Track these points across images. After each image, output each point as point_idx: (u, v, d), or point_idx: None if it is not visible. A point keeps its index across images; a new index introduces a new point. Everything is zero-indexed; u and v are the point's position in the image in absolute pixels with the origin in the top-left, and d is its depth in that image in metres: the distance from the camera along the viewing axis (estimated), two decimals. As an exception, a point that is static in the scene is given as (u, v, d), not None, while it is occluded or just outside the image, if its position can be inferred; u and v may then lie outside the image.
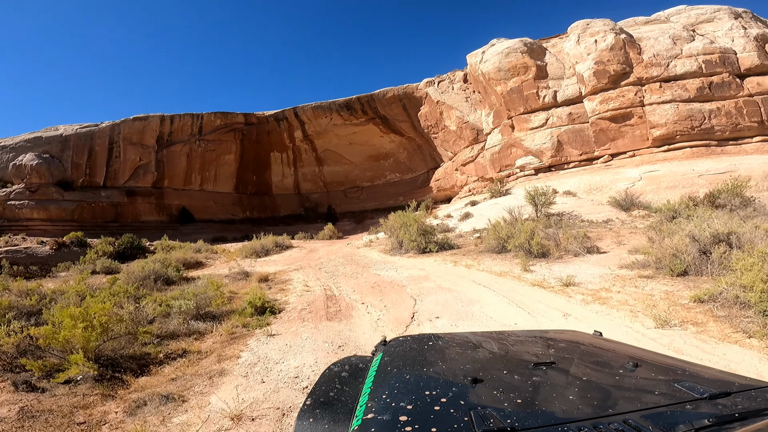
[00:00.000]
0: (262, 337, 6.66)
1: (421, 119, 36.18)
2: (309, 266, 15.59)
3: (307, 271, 13.96)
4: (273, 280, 12.89)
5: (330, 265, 14.72)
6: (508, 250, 11.89)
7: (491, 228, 12.79)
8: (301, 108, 38.70)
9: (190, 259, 22.11)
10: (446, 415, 1.15)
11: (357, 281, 10.97)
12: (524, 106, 26.72)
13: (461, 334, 2.23)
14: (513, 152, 27.21)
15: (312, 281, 11.76)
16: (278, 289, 11.05)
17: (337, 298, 9.22)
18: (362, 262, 14.43)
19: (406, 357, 1.79)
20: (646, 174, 21.86)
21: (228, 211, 40.52)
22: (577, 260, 10.36)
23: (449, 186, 34.96)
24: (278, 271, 15.50)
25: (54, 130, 35.15)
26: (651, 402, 1.26)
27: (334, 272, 12.92)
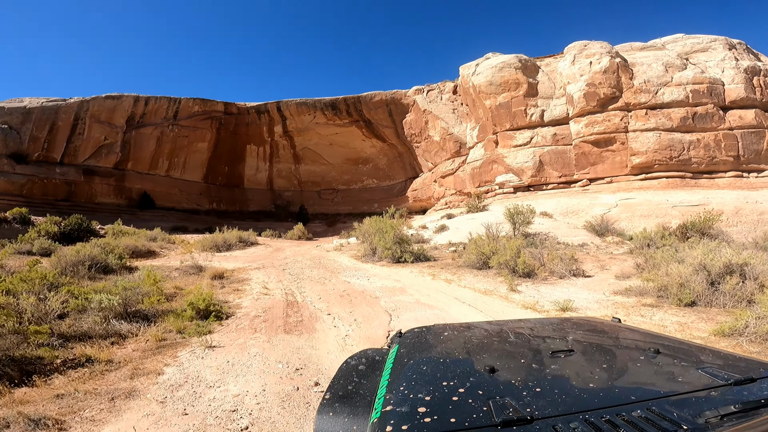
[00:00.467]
0: (198, 349, 5.28)
1: (405, 126, 35.33)
2: (272, 266, 14.14)
3: (269, 272, 12.53)
4: (229, 278, 11.39)
5: (295, 267, 13.33)
6: (489, 267, 10.92)
7: (472, 242, 11.81)
8: (285, 103, 37.09)
9: (141, 248, 20.19)
10: (465, 405, 1.12)
11: (324, 288, 9.68)
12: (511, 123, 26.24)
13: (476, 324, 2.16)
14: (494, 168, 26.64)
15: (273, 283, 10.36)
16: (233, 289, 9.61)
17: (299, 306, 7.90)
18: (331, 266, 13.13)
19: (422, 348, 1.75)
20: (622, 201, 21.67)
21: (193, 200, 38.13)
22: (564, 283, 9.49)
23: (426, 197, 34.14)
24: (237, 268, 13.96)
25: (18, 101, 32.12)
26: (675, 389, 1.21)
27: (299, 275, 11.56)
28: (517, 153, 25.52)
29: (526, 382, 1.28)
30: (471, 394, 1.19)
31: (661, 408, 1.07)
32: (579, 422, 1.01)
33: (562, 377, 1.34)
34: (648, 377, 1.36)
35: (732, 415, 1.01)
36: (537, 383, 1.27)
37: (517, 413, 1.03)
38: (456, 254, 14.58)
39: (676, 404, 1.10)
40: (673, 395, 1.17)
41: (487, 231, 18.50)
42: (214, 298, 7.67)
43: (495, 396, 1.16)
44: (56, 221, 24.74)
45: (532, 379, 1.31)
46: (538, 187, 24.98)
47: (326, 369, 4.76)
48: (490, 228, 18.50)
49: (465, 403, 1.13)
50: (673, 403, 1.11)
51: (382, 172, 39.66)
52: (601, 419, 1.02)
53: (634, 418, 1.02)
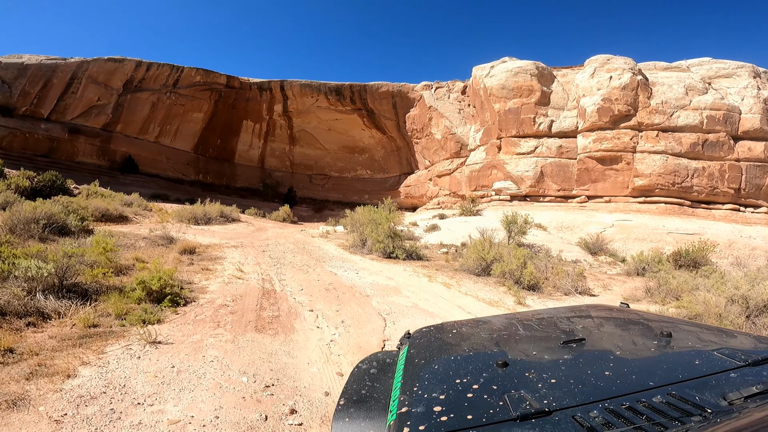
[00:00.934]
0: (136, 344, 4.03)
1: (408, 121, 34.07)
2: (252, 246, 12.84)
3: (247, 252, 11.23)
4: (200, 255, 10.07)
5: (277, 250, 12.06)
6: (489, 274, 9.86)
7: (472, 245, 10.70)
8: (289, 82, 35.33)
9: (112, 212, 18.69)
10: (480, 402, 1.09)
11: (307, 277, 8.45)
12: (517, 129, 25.25)
13: (484, 319, 2.08)
14: (493, 174, 25.65)
15: (249, 265, 9.10)
16: (201, 267, 8.31)
17: (277, 297, 6.67)
18: (316, 254, 11.89)
19: (432, 347, 1.69)
20: (619, 222, 20.91)
21: (180, 169, 36.20)
22: (570, 300, 8.47)
23: (418, 194, 33.02)
24: (213, 244, 12.62)
25: (17, 57, 30.19)
26: (693, 372, 1.17)
27: (280, 259, 10.30)
28: (519, 161, 24.56)
29: (540, 373, 1.23)
30: (486, 389, 1.15)
31: (682, 392, 1.03)
32: (599, 411, 0.97)
33: (577, 366, 1.28)
34: (664, 361, 1.31)
35: (755, 396, 0.98)
36: (551, 374, 1.22)
37: (534, 406, 0.99)
38: (449, 256, 13.49)
39: (696, 387, 1.06)
40: (692, 378, 1.13)
41: (482, 236, 17.49)
42: (175, 278, 6.38)
43: (510, 390, 1.12)
44: (29, 176, 22.98)
45: (546, 371, 1.25)
46: (535, 198, 24.08)
47: (306, 388, 3.58)
48: (485, 233, 17.49)
49: (480, 399, 1.10)
50: (694, 386, 1.07)
51: (377, 164, 38.34)
52: (622, 406, 0.98)
53: (655, 404, 0.98)
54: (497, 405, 1.05)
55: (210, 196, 32.21)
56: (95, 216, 17.92)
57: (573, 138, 24.41)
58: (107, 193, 24.33)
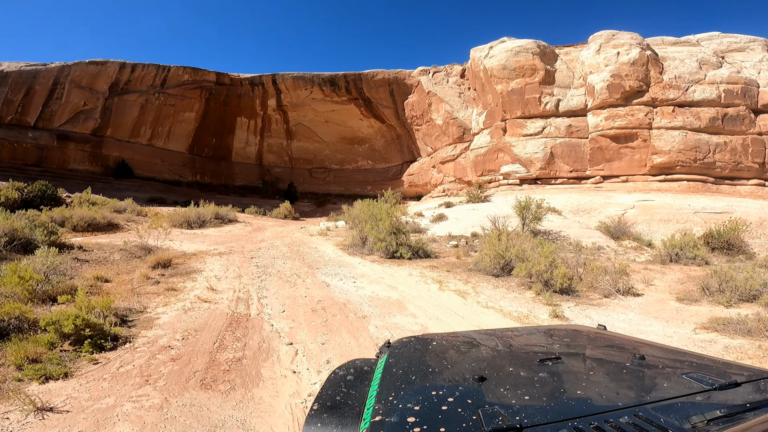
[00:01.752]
0: (16, 412, 2.58)
1: (406, 108, 32.29)
2: (241, 252, 11.39)
3: (232, 261, 9.76)
4: (175, 267, 8.63)
5: (267, 255, 10.58)
6: (509, 273, 8.33)
7: (487, 241, 9.14)
8: (281, 76, 33.58)
9: (100, 220, 17.35)
10: (454, 415, 1.08)
11: (294, 292, 6.96)
12: (522, 110, 23.46)
13: (464, 333, 2.06)
14: (499, 157, 23.93)
15: (227, 280, 7.62)
16: (166, 287, 6.85)
17: (248, 325, 5.19)
18: (310, 257, 10.40)
19: (411, 358, 1.65)
20: (640, 202, 19.21)
21: (176, 171, 34.75)
22: (614, 304, 6.92)
23: (422, 183, 31.37)
24: (198, 252, 11.19)
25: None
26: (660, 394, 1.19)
27: (266, 268, 8.82)
28: (526, 143, 22.82)
29: (515, 390, 1.23)
30: (460, 403, 1.14)
31: (648, 414, 1.04)
32: (568, 429, 0.98)
33: (551, 385, 1.28)
34: (634, 383, 1.32)
35: (718, 420, 0.99)
36: (526, 391, 1.22)
37: (507, 422, 1.00)
38: (460, 251, 11.97)
39: (662, 410, 1.07)
40: (659, 401, 1.13)
41: (494, 224, 15.92)
42: (119, 307, 4.93)
43: (484, 405, 1.11)
44: (19, 187, 21.76)
45: (521, 387, 1.25)
46: (546, 180, 22.38)
47: None
48: (496, 221, 15.91)
49: (454, 413, 1.09)
50: (660, 408, 1.08)
51: (378, 154, 36.64)
52: (590, 426, 0.99)
53: (622, 425, 0.99)
54: (470, 419, 1.03)
55: (208, 197, 30.84)
56: (81, 226, 16.62)
57: (583, 117, 22.66)
58: (100, 200, 23.04)
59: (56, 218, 16.44)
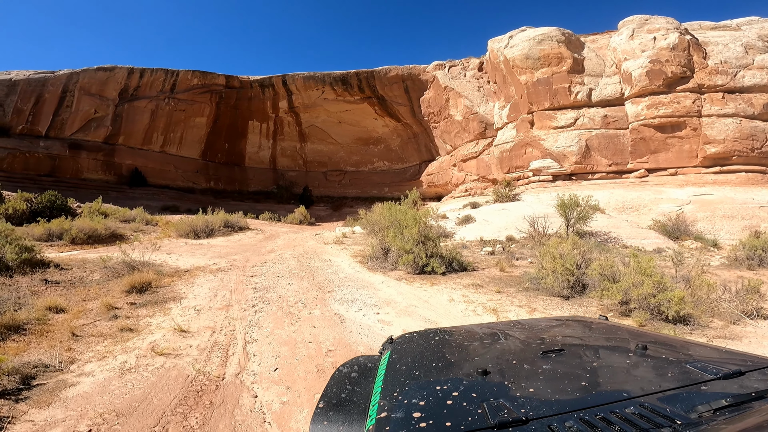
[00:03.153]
0: None
1: (422, 105, 30.17)
2: (242, 267, 9.47)
3: (228, 280, 7.82)
4: (152, 293, 6.73)
5: (271, 273, 8.62)
6: (581, 293, 6.16)
7: (548, 254, 6.91)
8: (291, 76, 31.93)
9: (102, 231, 15.80)
10: (459, 409, 1.05)
11: (296, 332, 4.95)
12: (551, 101, 21.08)
13: (467, 327, 1.95)
14: (528, 152, 21.57)
15: (209, 314, 5.64)
16: (123, 326, 4.90)
17: (215, 398, 3.17)
18: (322, 274, 8.38)
19: (414, 353, 1.60)
20: (696, 197, 16.63)
21: (189, 178, 33.42)
22: (752, 334, 4.72)
23: (442, 182, 29.14)
24: (191, 268, 9.33)
25: (5, 74, 27.85)
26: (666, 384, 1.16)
27: (267, 292, 6.84)
28: (557, 135, 20.42)
29: (519, 382, 1.21)
30: (465, 397, 1.12)
31: (654, 404, 1.02)
32: (574, 421, 0.96)
33: (555, 377, 1.25)
34: (639, 374, 1.29)
35: (724, 409, 0.97)
36: (530, 383, 1.20)
37: (512, 414, 0.98)
38: (501, 261, 9.78)
39: (668, 400, 1.05)
40: (664, 391, 1.11)
41: (533, 226, 13.66)
42: (32, 360, 3.00)
43: (489, 398, 1.09)
44: (27, 198, 20.57)
45: (525, 380, 1.23)
46: (582, 175, 19.92)
47: None
48: (535, 223, 13.66)
49: (459, 407, 1.06)
50: (665, 398, 1.06)
51: (395, 154, 34.55)
52: (596, 417, 0.97)
53: (628, 415, 0.97)
54: (476, 413, 1.01)
55: (222, 204, 29.34)
56: (80, 238, 15.08)
57: (619, 106, 20.22)
58: (110, 210, 21.67)
59: (54, 230, 14.95)
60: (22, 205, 19.69)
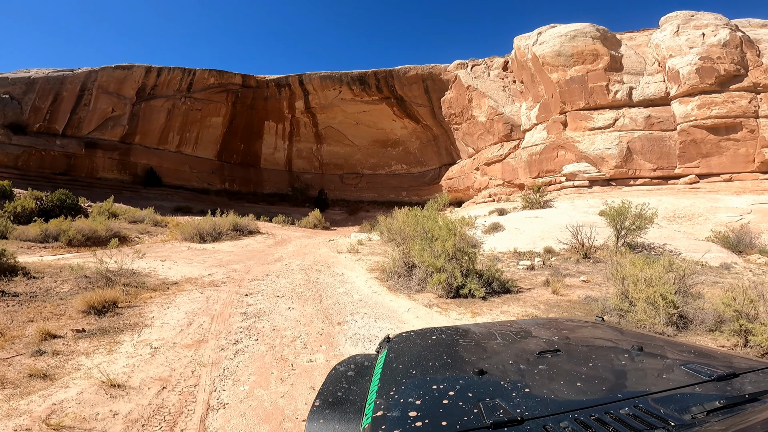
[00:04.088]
0: None
1: (443, 105, 28.42)
2: (240, 281, 7.90)
3: (215, 301, 6.21)
4: (112, 316, 5.17)
5: (270, 291, 6.99)
6: (684, 329, 4.37)
7: (632, 276, 5.09)
8: (308, 76, 30.68)
9: (102, 233, 14.59)
10: (455, 408, 1.04)
11: (288, 393, 3.26)
12: (586, 101, 19.10)
13: (464, 326, 1.90)
14: (560, 155, 19.56)
15: (170, 353, 3.98)
16: (35, 370, 3.29)
17: None
18: (332, 296, 6.71)
19: (411, 352, 1.58)
20: (757, 206, 14.41)
21: (204, 179, 32.40)
22: None
23: (464, 187, 27.25)
24: (180, 281, 7.80)
25: (24, 72, 27.45)
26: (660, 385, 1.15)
27: (257, 320, 5.19)
28: (594, 137, 18.39)
29: (515, 382, 1.20)
30: (461, 396, 1.10)
31: (648, 405, 1.01)
32: (569, 421, 0.95)
33: (551, 377, 1.24)
34: (634, 375, 1.27)
35: (717, 411, 0.96)
36: (526, 384, 1.18)
37: (508, 414, 0.97)
38: (549, 279, 7.95)
39: (662, 401, 1.04)
40: (658, 392, 1.10)
41: (576, 237, 11.72)
42: None
43: (485, 398, 1.08)
44: (37, 196, 19.73)
45: (521, 380, 1.21)
46: (623, 181, 17.81)
47: None
48: (578, 233, 11.72)
49: (455, 406, 1.05)
50: (659, 399, 1.05)
51: (413, 157, 32.83)
52: (591, 417, 0.96)
53: (622, 416, 0.96)
54: (471, 412, 1.00)
55: (236, 206, 28.14)
56: (78, 240, 13.86)
57: (664, 106, 18.13)
58: (121, 210, 20.62)
59: (51, 231, 13.76)
60: (31, 204, 18.73)
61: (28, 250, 12.14)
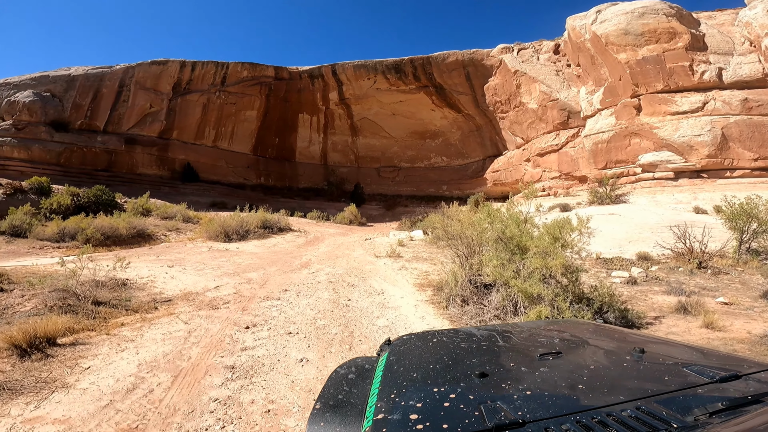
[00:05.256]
0: None
1: (487, 93, 25.52)
2: (249, 299, 5.91)
3: (201, 334, 4.18)
4: (38, 361, 3.23)
5: (283, 319, 4.91)
6: None
7: None
8: (341, 65, 28.74)
9: (123, 231, 13.34)
10: (456, 411, 1.02)
11: None
12: (665, 82, 15.84)
13: (465, 329, 1.83)
14: (634, 144, 16.36)
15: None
16: None
17: None
18: (370, 336, 4.53)
19: (412, 355, 1.53)
20: None
21: (240, 174, 31.37)
22: None
23: (511, 180, 24.30)
24: (177, 296, 5.93)
25: (65, 70, 27.49)
26: (662, 387, 1.11)
27: (245, 386, 3.10)
28: (678, 123, 15.09)
29: (516, 385, 1.16)
30: (462, 399, 1.08)
31: (650, 407, 0.98)
32: (570, 423, 0.93)
33: (552, 379, 1.20)
34: (635, 376, 1.22)
35: (720, 413, 0.93)
36: (527, 386, 1.15)
37: (509, 417, 0.95)
38: (689, 302, 5.39)
39: (664, 403, 1.01)
40: (660, 394, 1.06)
41: (684, 241, 8.86)
42: None
43: (486, 400, 1.05)
44: (73, 192, 19.14)
45: (523, 383, 1.18)
46: (717, 172, 14.44)
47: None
48: (685, 235, 8.85)
49: (457, 409, 1.03)
50: (662, 401, 1.02)
51: (454, 149, 30.08)
52: (592, 420, 0.94)
53: (624, 418, 0.94)
54: (473, 415, 0.98)
55: (271, 201, 26.80)
56: (96, 239, 12.56)
57: (762, 88, 14.70)
58: (154, 206, 19.61)
59: (68, 229, 12.57)
60: (67, 200, 18.02)
61: (39, 251, 10.79)
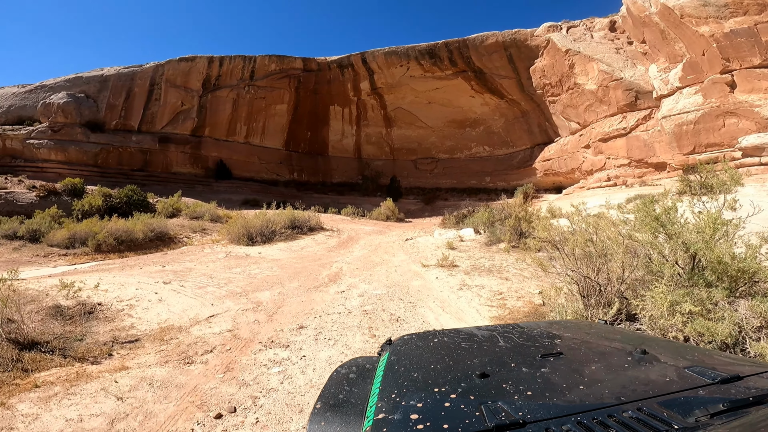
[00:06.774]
0: None
1: (534, 75, 22.65)
2: (248, 342, 4.07)
3: None
4: None
5: (281, 401, 3.08)
6: None
7: None
8: (371, 53, 26.66)
9: (139, 234, 12.21)
10: (457, 411, 1.01)
11: None
12: (763, 57, 12.82)
13: (466, 329, 1.83)
14: (729, 125, 13.35)
15: None
16: None
17: None
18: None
19: (413, 355, 1.50)
20: None
21: (273, 170, 30.24)
22: None
23: (566, 169, 21.42)
24: (148, 334, 4.11)
25: (98, 70, 27.35)
26: (663, 388, 1.10)
27: None
28: (792, 93, 11.92)
29: (517, 385, 1.14)
30: (463, 399, 1.07)
31: (651, 408, 0.98)
32: (571, 424, 0.93)
33: (553, 380, 1.19)
34: (637, 377, 1.19)
35: (721, 414, 0.93)
36: (528, 386, 1.13)
37: (510, 417, 0.94)
38: None
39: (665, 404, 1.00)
40: (662, 395, 1.05)
41: None
42: None
43: (487, 401, 1.04)
44: (105, 193, 18.65)
45: (523, 383, 1.16)
46: None
47: None
48: None
49: (457, 409, 1.02)
50: (663, 402, 1.01)
51: (497, 137, 27.35)
52: (593, 421, 0.93)
53: (624, 419, 0.93)
54: (473, 415, 0.98)
55: (304, 197, 25.42)
56: (108, 244, 11.33)
57: None
58: (184, 205, 18.68)
59: (79, 234, 11.42)
60: (99, 201, 17.37)
61: (43, 259, 9.47)
